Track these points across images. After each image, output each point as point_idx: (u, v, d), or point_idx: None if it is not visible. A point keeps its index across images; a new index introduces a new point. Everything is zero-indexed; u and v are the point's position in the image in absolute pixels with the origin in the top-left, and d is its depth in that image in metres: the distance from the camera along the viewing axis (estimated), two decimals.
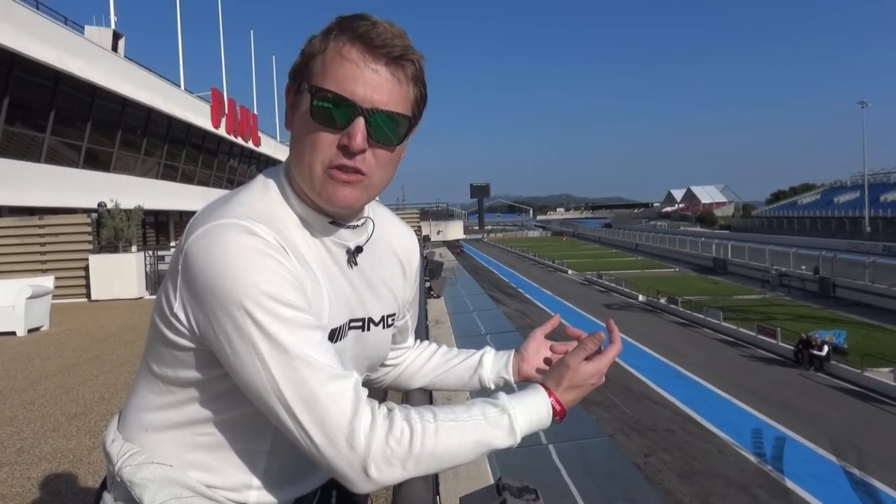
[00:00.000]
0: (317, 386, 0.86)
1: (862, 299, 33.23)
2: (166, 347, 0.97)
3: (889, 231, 60.33)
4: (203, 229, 0.90)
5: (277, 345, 0.86)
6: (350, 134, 0.92)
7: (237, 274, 0.86)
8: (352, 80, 0.92)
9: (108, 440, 1.05)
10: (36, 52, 14.81)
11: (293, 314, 0.88)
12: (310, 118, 0.93)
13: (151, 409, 1.03)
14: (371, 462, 0.86)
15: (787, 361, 22.88)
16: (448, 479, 2.78)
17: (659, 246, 70.04)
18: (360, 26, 0.93)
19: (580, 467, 11.08)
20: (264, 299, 0.86)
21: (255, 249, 0.88)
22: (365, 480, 0.87)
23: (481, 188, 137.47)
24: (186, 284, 0.90)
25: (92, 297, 12.71)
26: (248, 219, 0.91)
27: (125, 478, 0.98)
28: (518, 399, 0.99)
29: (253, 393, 0.89)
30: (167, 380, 1.00)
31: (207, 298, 0.88)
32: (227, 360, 0.89)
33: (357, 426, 0.86)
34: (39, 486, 3.56)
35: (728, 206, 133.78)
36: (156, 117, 22.09)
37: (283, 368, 0.86)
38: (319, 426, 0.86)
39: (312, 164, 0.95)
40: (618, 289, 42.43)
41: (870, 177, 71.92)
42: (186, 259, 0.89)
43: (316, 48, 0.95)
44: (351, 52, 0.93)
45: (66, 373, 6.41)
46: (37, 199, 15.40)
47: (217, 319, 0.88)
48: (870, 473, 13.79)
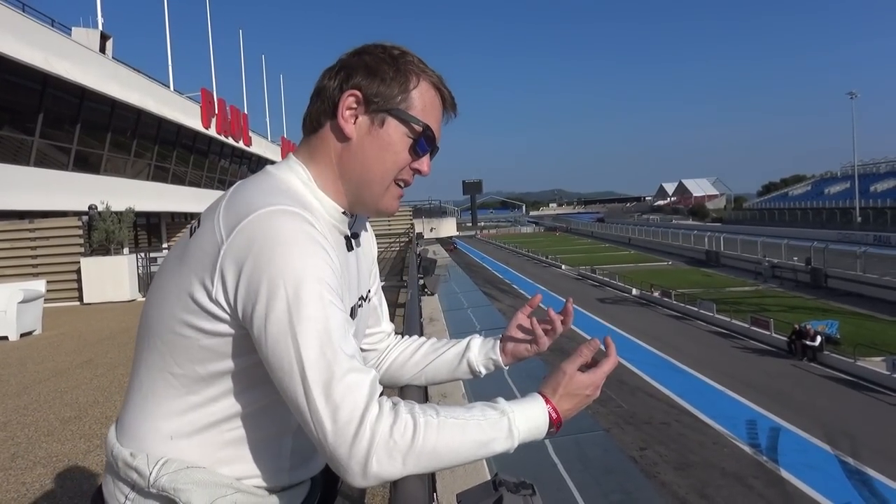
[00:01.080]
0: (339, 373, 0.90)
1: (854, 289, 33.46)
2: (197, 342, 0.99)
3: (879, 221, 60.69)
4: (257, 214, 0.94)
5: (314, 327, 0.91)
6: (423, 162, 1.13)
7: (291, 255, 0.92)
8: (438, 126, 1.14)
9: (126, 455, 1.03)
10: (23, 54, 14.70)
11: (333, 301, 0.94)
12: (410, 147, 1.10)
13: (172, 415, 1.03)
14: (373, 454, 0.88)
15: (781, 352, 23.03)
16: (444, 476, 2.79)
17: (651, 239, 70.28)
18: (437, 77, 1.14)
19: (577, 461, 11.16)
20: (311, 283, 0.92)
21: (308, 235, 0.94)
22: (363, 473, 0.89)
23: (474, 185, 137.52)
24: (234, 263, 0.93)
25: (84, 301, 12.64)
26: (297, 206, 0.97)
27: (166, 486, 0.98)
28: (516, 404, 1.03)
29: (277, 371, 0.92)
30: (194, 379, 1.01)
31: (255, 277, 0.92)
32: (260, 336, 0.92)
33: (366, 419, 0.89)
34: (34, 491, 3.54)
35: (720, 199, 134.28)
36: (145, 118, 21.97)
37: (312, 350, 0.90)
38: (333, 413, 0.89)
39: (386, 177, 1.11)
40: (611, 283, 42.56)
41: (860, 167, 72.34)
42: (237, 241, 0.93)
43: (404, 82, 1.10)
44: (440, 100, 1.14)
45: (59, 377, 6.38)
46: (27, 203, 15.30)
47: (261, 297, 0.91)
48: (864, 462, 13.90)
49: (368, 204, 1.13)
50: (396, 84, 1.09)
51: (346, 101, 1.08)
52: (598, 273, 46.94)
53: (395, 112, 1.08)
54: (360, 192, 1.11)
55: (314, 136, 1.12)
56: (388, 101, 1.08)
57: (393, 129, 1.09)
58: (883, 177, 75.42)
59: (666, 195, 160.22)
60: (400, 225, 27.18)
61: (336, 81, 1.10)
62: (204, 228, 0.99)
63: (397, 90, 1.08)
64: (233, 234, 0.93)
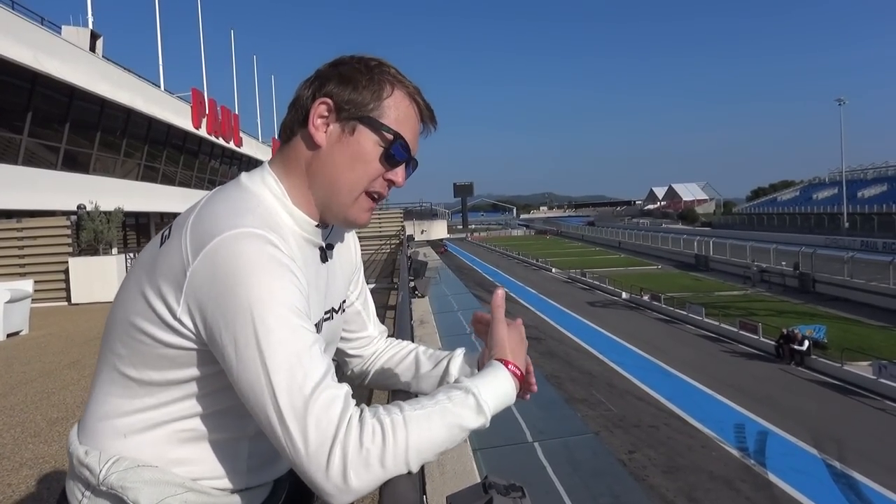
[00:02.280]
0: (310, 397, 0.89)
1: (841, 294, 33.68)
2: (156, 351, 0.99)
3: (867, 226, 61.17)
4: (220, 239, 0.93)
5: (283, 351, 0.90)
6: (397, 173, 1.12)
7: (256, 281, 0.91)
8: (414, 138, 1.12)
9: (81, 453, 1.04)
10: (12, 52, 14.60)
11: (301, 325, 0.93)
12: (380, 156, 1.08)
13: (127, 414, 1.03)
14: (350, 471, 0.87)
15: (769, 356, 23.15)
16: (434, 479, 2.79)
17: (641, 243, 70.50)
18: (413, 88, 1.12)
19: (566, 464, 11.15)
20: (278, 307, 0.91)
21: (273, 258, 0.94)
22: (344, 491, 0.88)
23: (465, 187, 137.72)
24: (199, 290, 0.93)
25: (72, 301, 12.55)
26: (263, 228, 0.96)
27: (114, 484, 0.98)
28: (479, 377, 1.03)
29: (248, 396, 0.91)
30: (149, 382, 1.01)
31: (222, 303, 0.91)
32: (230, 362, 0.92)
33: (337, 438, 0.88)
34: (20, 493, 3.51)
35: (709, 204, 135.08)
36: (135, 118, 21.85)
37: (282, 375, 0.89)
38: (304, 438, 0.88)
39: (355, 188, 1.09)
40: (601, 286, 42.66)
41: (848, 173, 72.93)
42: (202, 266, 0.93)
43: (378, 91, 1.09)
44: (416, 111, 1.13)
45: (46, 377, 6.33)
46: (14, 202, 15.18)
47: (228, 323, 0.91)
48: (850, 466, 13.99)
49: (337, 214, 1.12)
50: (369, 92, 1.08)
51: (317, 108, 1.07)
52: (588, 276, 47.04)
53: (366, 120, 1.07)
54: (329, 202, 1.10)
55: (288, 146, 1.12)
56: (360, 109, 1.07)
57: (364, 137, 1.08)
58: (870, 183, 76.10)
59: (656, 199, 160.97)
60: (390, 227, 27.18)
61: (310, 91, 1.10)
62: (172, 241, 0.99)
63: (370, 98, 1.08)
64: (199, 257, 0.93)
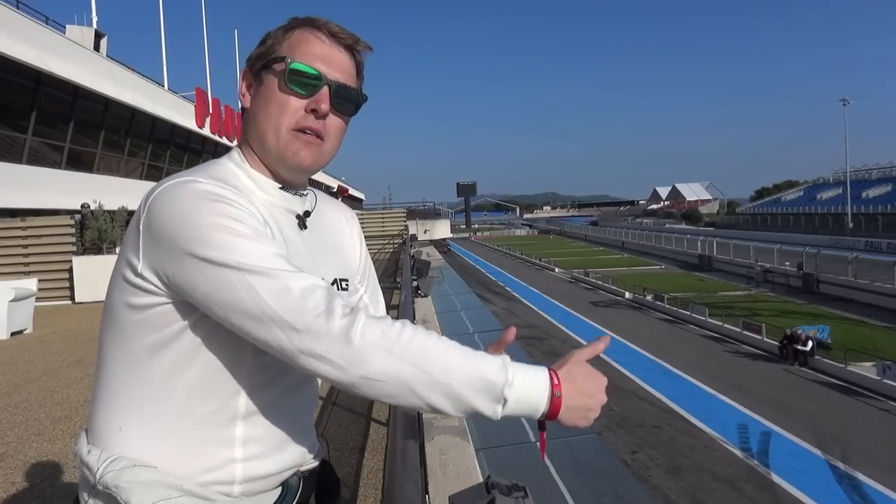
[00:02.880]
0: (290, 282, 0.90)
1: (845, 294, 33.58)
2: (130, 317, 1.01)
3: (871, 227, 60.99)
4: (161, 188, 0.98)
5: (244, 255, 0.91)
6: (318, 100, 1.07)
7: (200, 210, 0.94)
8: (321, 57, 1.08)
9: (84, 452, 1.04)
10: (16, 51, 14.62)
11: (255, 233, 0.94)
12: (282, 85, 1.07)
13: (121, 405, 1.03)
14: (358, 324, 0.87)
15: (772, 357, 23.09)
16: (437, 478, 2.79)
17: (645, 243, 70.40)
18: (320, 19, 1.10)
19: (569, 464, 11.16)
20: (225, 221, 0.93)
21: (212, 192, 0.97)
22: (345, 339, 0.86)
23: (468, 187, 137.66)
24: (151, 239, 0.95)
25: (76, 300, 12.58)
26: (210, 180, 1.00)
27: (109, 483, 0.97)
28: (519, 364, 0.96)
29: (233, 312, 0.91)
30: (133, 360, 1.02)
31: (174, 241, 0.93)
32: (205, 291, 0.92)
33: (335, 308, 0.88)
34: (24, 491, 3.52)
35: (713, 204, 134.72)
36: (139, 117, 21.89)
37: (253, 274, 0.90)
38: (300, 314, 0.88)
39: (279, 127, 1.08)
40: (604, 286, 42.60)
41: (852, 173, 72.75)
42: (149, 216, 0.96)
43: (280, 37, 1.10)
44: (319, 35, 1.10)
45: (50, 376, 6.35)
46: (19, 201, 15.21)
47: (186, 257, 0.92)
48: (854, 467, 13.95)
49: (276, 160, 1.11)
50: (272, 40, 1.11)
51: (242, 81, 1.14)
52: (592, 276, 46.97)
53: (266, 64, 1.10)
54: (264, 152, 1.11)
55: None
56: (264, 59, 1.11)
57: (268, 79, 1.10)
58: (875, 183, 75.87)
59: (659, 199, 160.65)
60: (394, 226, 27.19)
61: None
62: (135, 213, 1.03)
63: (272, 45, 1.10)
64: (146, 209, 0.97)
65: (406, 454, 1.44)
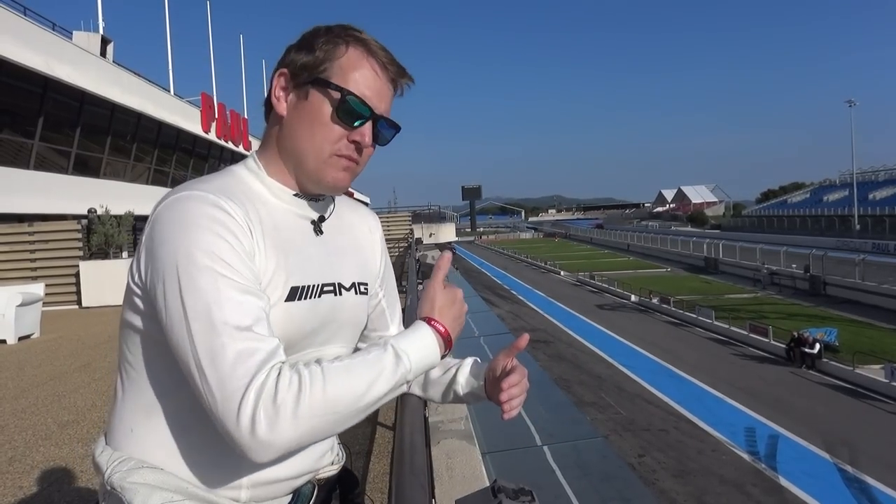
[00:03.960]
0: (229, 343, 0.89)
1: (852, 297, 33.43)
2: (141, 323, 1.02)
3: (878, 228, 60.78)
4: (164, 203, 0.99)
5: (201, 299, 0.91)
6: (362, 133, 1.08)
7: (184, 234, 0.94)
8: (373, 90, 1.09)
9: (97, 452, 1.06)
10: (23, 57, 14.71)
11: (227, 274, 0.93)
12: (333, 115, 1.07)
13: (134, 407, 1.05)
14: (259, 417, 0.85)
15: (779, 359, 22.99)
16: (443, 482, 2.78)
17: (650, 246, 70.26)
18: (372, 42, 1.10)
19: (575, 468, 11.11)
20: (202, 256, 0.92)
21: (208, 215, 0.96)
22: (252, 441, 0.86)
23: (473, 190, 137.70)
24: (146, 248, 0.97)
25: (83, 304, 12.63)
26: (214, 192, 0.99)
27: (115, 484, 0.98)
28: (399, 335, 1.04)
29: (175, 347, 0.92)
30: (143, 365, 1.03)
31: (156, 256, 0.95)
32: (161, 314, 0.94)
33: (252, 385, 0.87)
34: (31, 495, 3.53)
35: (718, 206, 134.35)
36: (145, 122, 21.98)
37: (200, 322, 0.90)
38: (220, 383, 0.87)
39: (321, 152, 1.08)
40: (610, 289, 42.52)
41: (858, 175, 72.44)
42: (150, 227, 0.98)
43: (331, 52, 1.08)
44: (373, 63, 1.09)
45: (57, 380, 6.37)
46: (26, 206, 15.29)
47: (159, 275, 0.94)
48: (862, 470, 13.87)
49: (312, 179, 1.12)
50: (322, 53, 1.08)
51: (277, 81, 1.10)
52: (597, 279, 46.91)
53: (316, 82, 1.08)
54: (299, 169, 1.11)
55: (266, 126, 1.16)
56: (312, 72, 1.08)
57: (317, 100, 1.08)
58: (881, 185, 75.53)
59: (665, 202, 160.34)
60: (399, 230, 27.20)
61: (276, 65, 1.13)
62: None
63: (321, 59, 1.08)
64: (150, 220, 0.99)
65: (412, 458, 1.44)
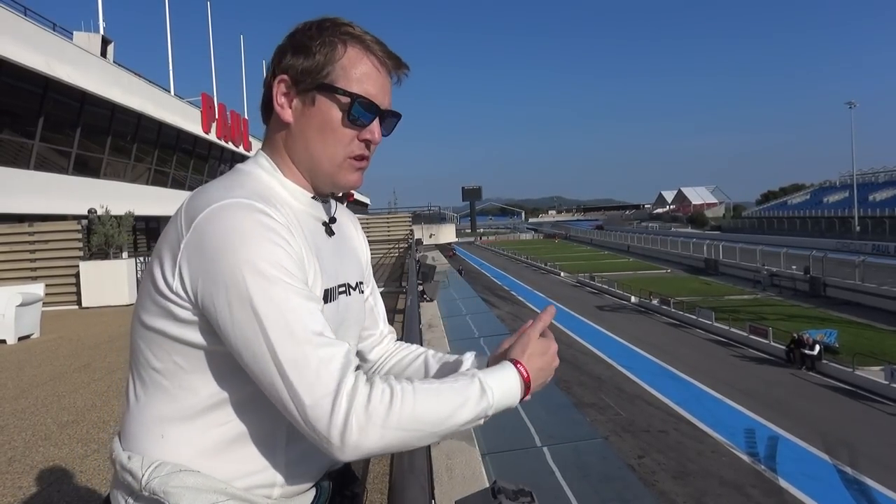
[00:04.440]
0: (310, 349, 0.91)
1: (852, 298, 33.46)
2: (168, 333, 1.00)
3: (878, 230, 60.77)
4: (210, 209, 0.96)
5: (276, 308, 0.92)
6: (372, 131, 1.10)
7: (243, 244, 0.93)
8: (378, 86, 1.09)
9: (124, 458, 1.04)
10: (24, 57, 14.72)
11: (293, 283, 0.95)
12: (345, 121, 1.07)
13: (161, 413, 1.03)
14: (352, 423, 0.88)
15: (779, 361, 23.01)
16: (443, 483, 2.78)
17: (650, 247, 70.31)
18: (366, 36, 1.09)
19: (575, 469, 11.09)
20: (267, 266, 0.93)
21: (260, 223, 0.96)
22: (342, 444, 0.89)
23: (473, 191, 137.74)
24: (192, 259, 0.95)
25: (83, 304, 12.62)
26: (252, 198, 0.98)
27: (157, 489, 0.98)
28: (487, 370, 1.05)
29: (247, 358, 0.93)
30: (174, 372, 1.02)
31: (214, 268, 0.93)
32: (225, 327, 0.93)
33: (342, 390, 0.89)
34: (31, 496, 3.53)
35: (719, 207, 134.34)
36: (146, 123, 21.99)
37: (279, 331, 0.91)
38: (310, 388, 0.89)
39: (335, 156, 1.09)
40: (610, 290, 42.55)
41: (858, 177, 72.42)
42: (195, 236, 0.96)
43: (330, 54, 1.07)
44: (372, 60, 1.09)
45: (57, 381, 6.36)
46: (26, 206, 15.29)
47: (220, 287, 0.93)
48: (862, 471, 13.88)
49: (326, 183, 1.13)
50: (322, 56, 1.07)
51: (277, 88, 1.09)
52: (597, 280, 46.94)
53: (322, 87, 1.07)
54: (313, 174, 1.12)
55: (268, 127, 1.15)
56: (315, 77, 1.07)
57: (325, 106, 1.08)
58: (882, 186, 75.51)
59: (665, 203, 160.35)
60: (399, 231, 27.18)
61: (271, 68, 1.11)
62: (170, 224, 1.02)
63: (323, 62, 1.07)
64: (191, 228, 0.96)
65: (412, 458, 1.44)
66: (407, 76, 1.15)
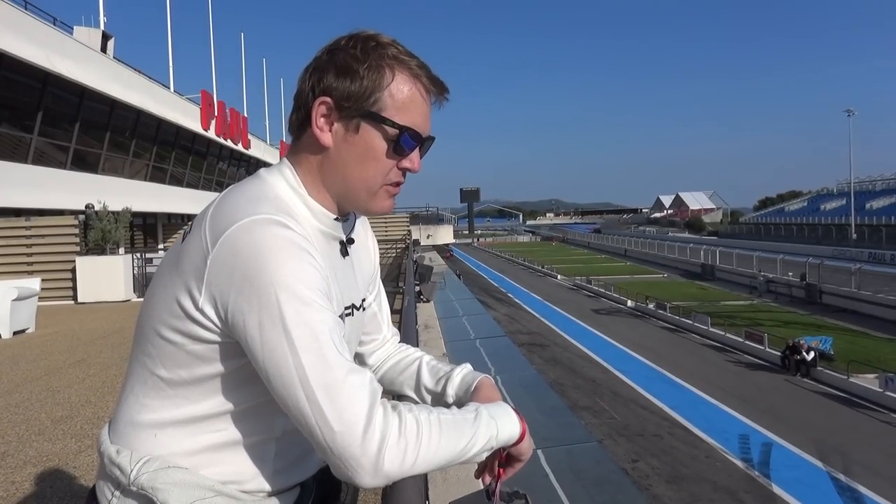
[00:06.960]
0: (340, 375, 0.90)
1: (848, 306, 33.52)
2: (183, 347, 0.99)
3: (875, 238, 60.88)
4: (238, 225, 0.93)
5: (309, 332, 0.90)
6: (412, 160, 1.08)
7: (277, 264, 0.91)
8: (423, 119, 1.06)
9: (112, 452, 1.04)
10: (24, 51, 14.70)
11: (324, 306, 0.93)
12: (390, 152, 1.05)
13: (157, 414, 1.03)
14: (385, 452, 0.88)
15: (774, 367, 23.05)
16: (437, 484, 2.78)
17: (647, 251, 70.39)
18: (413, 63, 1.05)
19: (569, 472, 11.10)
20: (301, 288, 0.91)
21: (293, 243, 0.93)
22: (374, 472, 0.88)
23: (471, 193, 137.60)
24: (220, 276, 0.93)
25: (79, 300, 12.60)
26: (279, 214, 0.96)
27: (145, 485, 0.98)
28: (489, 405, 1.07)
29: (275, 380, 0.91)
30: (179, 381, 1.01)
31: (245, 288, 0.91)
32: (254, 347, 0.91)
33: (374, 418, 0.89)
34: (24, 491, 3.52)
35: (716, 213, 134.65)
36: (145, 119, 21.96)
37: (311, 355, 0.90)
38: (339, 415, 0.88)
39: (374, 185, 1.07)
40: (606, 294, 42.59)
41: (856, 184, 72.62)
42: (222, 251, 0.93)
43: (377, 79, 1.03)
44: (419, 88, 1.06)
45: (51, 376, 6.35)
46: (23, 201, 15.27)
47: (252, 307, 0.91)
48: (855, 479, 13.90)
49: (359, 208, 1.12)
50: (369, 81, 1.02)
51: (317, 109, 1.03)
52: (594, 284, 46.99)
53: (368, 116, 1.03)
54: (346, 198, 1.09)
55: (299, 142, 1.09)
56: (361, 104, 1.02)
57: (370, 135, 1.04)
58: (879, 194, 75.79)
59: (663, 207, 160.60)
60: (397, 231, 27.19)
61: (309, 85, 1.05)
62: (193, 235, 0.99)
63: (370, 89, 1.02)
64: (217, 244, 0.93)
65: None
66: (448, 101, 1.11)
